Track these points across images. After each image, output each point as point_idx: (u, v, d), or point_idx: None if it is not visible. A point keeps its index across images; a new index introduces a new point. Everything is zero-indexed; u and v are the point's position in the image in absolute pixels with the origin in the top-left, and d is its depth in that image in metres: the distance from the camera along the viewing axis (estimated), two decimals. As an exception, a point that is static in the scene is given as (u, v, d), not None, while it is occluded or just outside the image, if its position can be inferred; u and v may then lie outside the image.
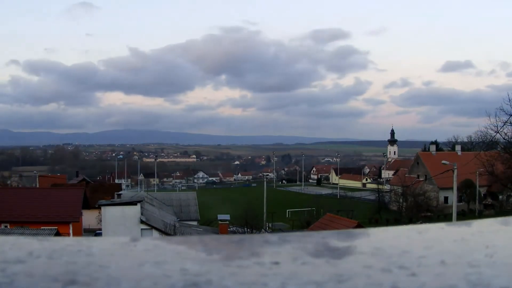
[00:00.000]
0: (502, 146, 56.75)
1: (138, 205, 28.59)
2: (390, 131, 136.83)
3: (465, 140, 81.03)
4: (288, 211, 64.71)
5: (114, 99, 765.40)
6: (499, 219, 1.22)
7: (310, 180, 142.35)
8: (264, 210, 50.81)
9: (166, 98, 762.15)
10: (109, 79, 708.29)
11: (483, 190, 62.25)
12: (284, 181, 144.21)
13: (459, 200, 54.27)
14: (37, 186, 61.03)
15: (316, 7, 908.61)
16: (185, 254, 0.93)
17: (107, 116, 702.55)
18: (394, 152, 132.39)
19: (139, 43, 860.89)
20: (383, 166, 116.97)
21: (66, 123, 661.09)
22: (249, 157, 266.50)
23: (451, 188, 39.03)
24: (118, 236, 1.48)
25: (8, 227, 33.70)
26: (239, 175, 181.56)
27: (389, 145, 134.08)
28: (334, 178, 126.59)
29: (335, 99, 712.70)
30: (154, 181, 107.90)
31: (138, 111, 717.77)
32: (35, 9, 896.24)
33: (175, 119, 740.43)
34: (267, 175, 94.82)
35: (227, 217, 35.20)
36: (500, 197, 61.69)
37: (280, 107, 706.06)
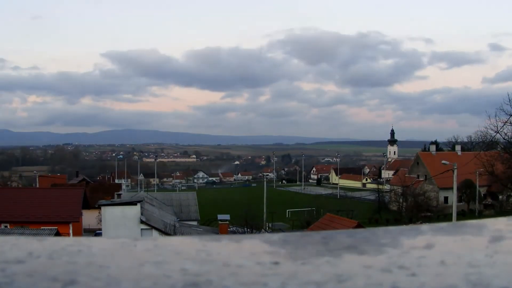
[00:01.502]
0: (502, 146, 56.78)
1: (138, 205, 28.58)
2: (390, 131, 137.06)
3: (465, 140, 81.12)
4: (288, 211, 64.70)
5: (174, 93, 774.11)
6: (499, 219, 1.22)
7: (310, 180, 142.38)
8: (264, 210, 50.79)
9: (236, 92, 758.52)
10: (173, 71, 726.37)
11: (483, 190, 62.24)
12: (284, 181, 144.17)
13: (459, 200, 54.26)
14: (37, 186, 61.06)
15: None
16: (185, 254, 0.92)
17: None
18: (394, 152, 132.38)
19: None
20: (383, 166, 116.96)
21: (66, 122, 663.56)
22: (249, 157, 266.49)
23: (451, 188, 39.03)
24: (118, 236, 1.48)
25: (8, 227, 33.71)
26: (239, 175, 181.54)
27: (389, 145, 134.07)
28: (334, 178, 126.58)
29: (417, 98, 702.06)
30: (154, 181, 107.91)
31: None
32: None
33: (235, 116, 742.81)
34: (267, 175, 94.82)
35: (227, 217, 35.19)
36: (500, 197, 61.65)
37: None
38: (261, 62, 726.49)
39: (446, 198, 62.34)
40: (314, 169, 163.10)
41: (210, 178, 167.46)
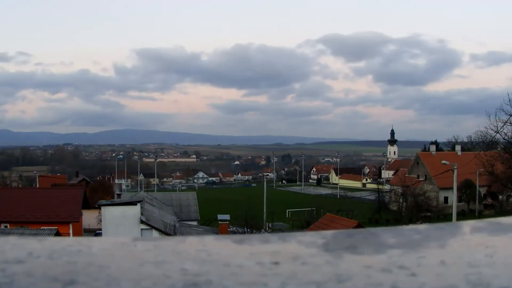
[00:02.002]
0: (502, 146, 56.78)
1: (138, 205, 28.58)
2: (390, 131, 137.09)
3: (465, 140, 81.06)
4: (288, 211, 64.69)
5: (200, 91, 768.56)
6: (499, 219, 1.22)
7: (310, 180, 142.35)
8: (264, 210, 50.78)
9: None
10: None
11: (483, 190, 62.21)
12: (284, 181, 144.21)
13: (459, 200, 54.24)
14: (37, 186, 61.07)
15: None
16: (185, 254, 0.92)
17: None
18: (394, 152, 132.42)
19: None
20: (383, 166, 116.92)
21: (66, 122, 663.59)
22: (249, 157, 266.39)
23: (451, 188, 39.03)
24: (118, 236, 1.49)
25: (8, 227, 33.73)
26: (239, 175, 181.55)
27: (389, 145, 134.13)
28: (334, 178, 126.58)
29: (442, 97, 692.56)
30: (154, 181, 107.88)
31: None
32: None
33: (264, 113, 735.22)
34: (267, 175, 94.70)
35: (227, 217, 35.19)
36: (500, 197, 61.66)
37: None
38: (294, 60, 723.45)
39: (446, 198, 62.31)
40: (314, 169, 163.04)
41: (210, 178, 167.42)
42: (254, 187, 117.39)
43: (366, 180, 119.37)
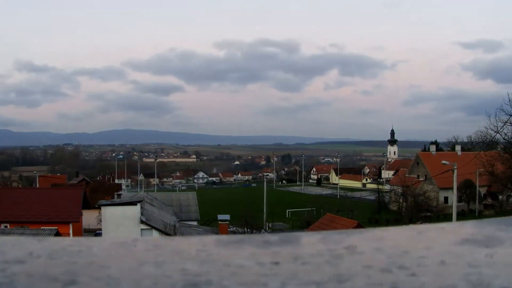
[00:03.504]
0: (502, 146, 56.75)
1: (138, 205, 28.58)
2: (390, 131, 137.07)
3: (465, 140, 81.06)
4: (288, 211, 64.69)
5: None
6: (499, 219, 1.22)
7: (310, 180, 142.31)
8: (264, 210, 50.77)
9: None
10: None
11: (483, 190, 62.24)
12: (284, 181, 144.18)
13: (459, 200, 54.22)
14: (37, 186, 61.05)
15: None
16: (185, 254, 0.92)
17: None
18: (394, 152, 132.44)
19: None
20: (383, 166, 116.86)
21: (67, 122, 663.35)
22: (249, 157, 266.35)
23: (451, 188, 39.02)
24: (118, 236, 1.49)
25: (8, 227, 33.72)
26: (239, 175, 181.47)
27: (389, 145, 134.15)
28: (334, 178, 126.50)
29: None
30: (154, 181, 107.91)
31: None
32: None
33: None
34: (267, 175, 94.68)
35: (227, 217, 35.20)
36: (500, 197, 61.67)
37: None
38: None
39: (446, 198, 62.31)
40: (314, 169, 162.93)
41: (210, 178, 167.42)
42: (254, 187, 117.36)
43: (366, 180, 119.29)
